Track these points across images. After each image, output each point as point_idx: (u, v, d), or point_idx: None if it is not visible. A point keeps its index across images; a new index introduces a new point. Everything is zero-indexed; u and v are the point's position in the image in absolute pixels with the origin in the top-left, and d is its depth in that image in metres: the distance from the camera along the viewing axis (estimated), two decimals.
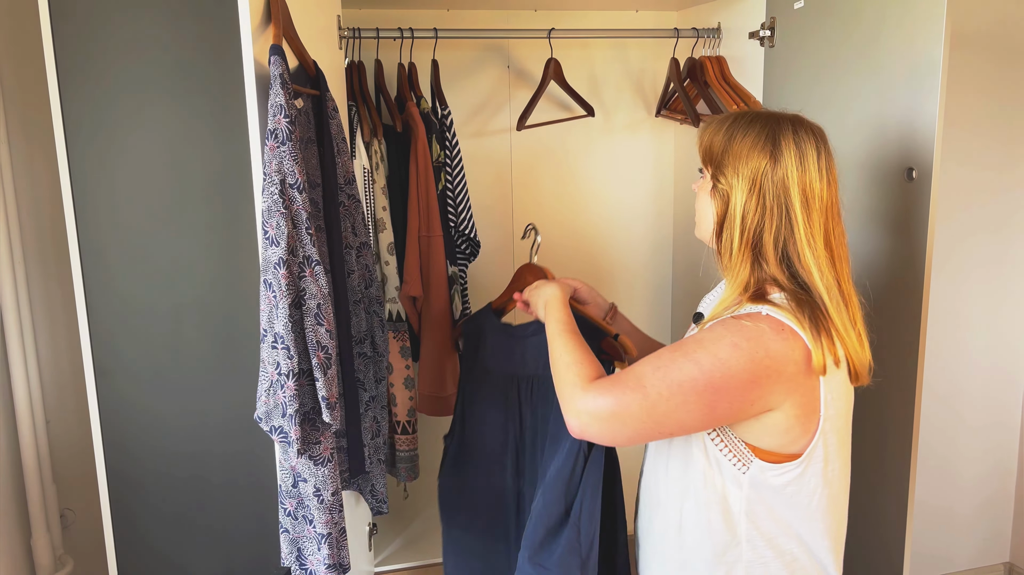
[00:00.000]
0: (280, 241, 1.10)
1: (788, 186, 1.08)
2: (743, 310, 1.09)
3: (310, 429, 1.19)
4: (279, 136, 1.11)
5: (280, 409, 1.14)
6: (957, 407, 2.48)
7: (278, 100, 1.11)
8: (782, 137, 1.09)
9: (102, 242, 1.31)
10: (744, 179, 1.09)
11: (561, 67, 2.17)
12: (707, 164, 1.17)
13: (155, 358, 1.35)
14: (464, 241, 2.05)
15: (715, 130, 1.16)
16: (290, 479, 1.23)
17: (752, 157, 1.09)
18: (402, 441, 1.99)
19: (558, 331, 1.25)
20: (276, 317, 1.12)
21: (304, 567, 1.26)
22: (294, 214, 1.13)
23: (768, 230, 1.09)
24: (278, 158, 1.11)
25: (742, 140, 1.11)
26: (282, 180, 1.11)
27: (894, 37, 1.45)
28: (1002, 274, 2.44)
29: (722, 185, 1.13)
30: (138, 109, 1.29)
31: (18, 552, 1.80)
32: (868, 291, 1.55)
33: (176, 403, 1.37)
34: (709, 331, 1.07)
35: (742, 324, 1.05)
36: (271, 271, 1.11)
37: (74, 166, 1.29)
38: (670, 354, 1.06)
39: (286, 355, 1.12)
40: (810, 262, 1.08)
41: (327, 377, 1.16)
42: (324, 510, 1.22)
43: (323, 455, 1.21)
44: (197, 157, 1.31)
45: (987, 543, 2.59)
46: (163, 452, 1.38)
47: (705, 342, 1.05)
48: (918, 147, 1.41)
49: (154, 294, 1.33)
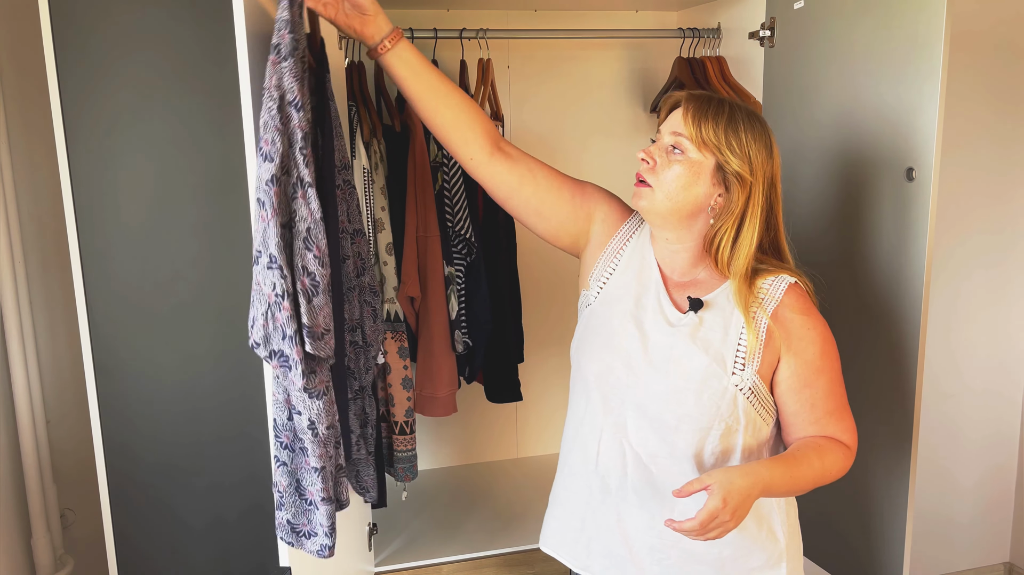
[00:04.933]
0: (274, 157, 1.07)
1: (776, 181, 1.22)
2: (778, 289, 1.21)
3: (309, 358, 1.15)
4: (281, 51, 1.08)
5: (280, 331, 1.10)
6: (957, 407, 2.48)
7: (284, 15, 1.08)
8: (771, 135, 1.22)
9: (102, 242, 1.31)
10: (760, 173, 1.19)
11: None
12: (700, 145, 1.18)
13: (155, 358, 1.35)
14: (460, 242, 2.04)
15: (716, 112, 1.19)
16: (285, 413, 1.19)
17: (762, 152, 1.19)
18: (400, 441, 1.99)
19: (782, 478, 1.17)
20: (269, 236, 1.08)
21: (304, 498, 1.23)
22: (290, 132, 1.09)
23: (771, 221, 1.23)
24: (279, 74, 1.08)
25: (751, 133, 1.18)
26: (281, 96, 1.08)
27: (894, 37, 1.45)
28: (1002, 274, 2.44)
29: (735, 172, 1.18)
30: (138, 109, 1.29)
31: (18, 552, 1.80)
32: (868, 291, 1.55)
33: (176, 403, 1.37)
34: (814, 341, 1.20)
35: (809, 308, 1.21)
36: (263, 188, 1.08)
37: (74, 166, 1.29)
38: (831, 377, 1.23)
39: (279, 275, 1.08)
40: (784, 244, 1.26)
41: (312, 305, 1.11)
42: (318, 443, 1.18)
43: (317, 387, 1.16)
44: (197, 157, 1.31)
45: (987, 543, 2.59)
46: (163, 452, 1.38)
47: (826, 349, 1.22)
48: (918, 147, 1.41)
49: (154, 294, 1.33)
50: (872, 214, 1.53)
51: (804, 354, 1.20)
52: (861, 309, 1.57)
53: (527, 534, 2.07)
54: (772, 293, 1.20)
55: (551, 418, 2.61)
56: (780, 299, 1.20)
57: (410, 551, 2.02)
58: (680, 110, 1.20)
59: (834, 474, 1.21)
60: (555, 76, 2.40)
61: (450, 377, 2.00)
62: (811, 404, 1.22)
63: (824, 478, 1.20)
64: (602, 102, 2.42)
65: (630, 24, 2.39)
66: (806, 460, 1.19)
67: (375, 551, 2.01)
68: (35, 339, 1.88)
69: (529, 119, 2.40)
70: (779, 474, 1.16)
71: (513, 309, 2.23)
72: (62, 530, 1.93)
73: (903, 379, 1.48)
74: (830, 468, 1.21)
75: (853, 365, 1.59)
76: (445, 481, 2.44)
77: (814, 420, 1.23)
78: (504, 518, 2.18)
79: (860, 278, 1.57)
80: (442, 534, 2.10)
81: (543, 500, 1.45)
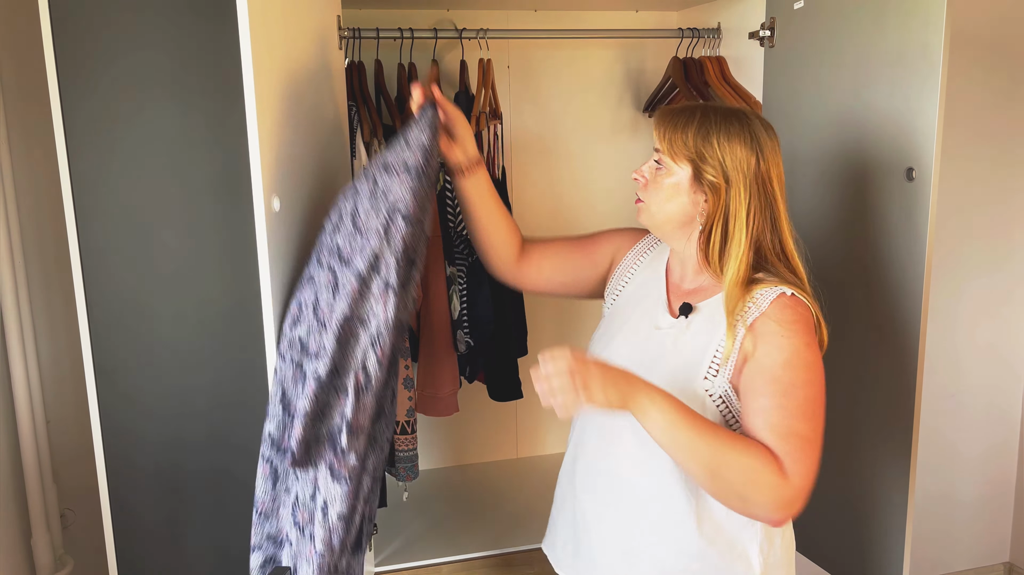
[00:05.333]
0: (365, 253, 1.12)
1: (771, 179, 1.18)
2: (766, 299, 1.14)
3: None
4: (412, 171, 1.15)
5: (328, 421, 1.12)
6: (957, 407, 2.48)
7: (423, 140, 1.19)
8: (755, 130, 1.18)
9: (102, 242, 1.31)
10: (740, 174, 1.16)
11: None
12: (678, 158, 1.19)
13: (155, 358, 1.35)
14: (462, 241, 2.05)
15: (686, 122, 1.19)
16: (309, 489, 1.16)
17: (742, 152, 1.16)
18: (401, 441, 1.99)
19: (687, 428, 1.06)
20: (334, 312, 1.11)
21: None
22: (391, 237, 1.14)
23: (765, 225, 1.18)
24: (403, 187, 1.14)
25: (727, 135, 1.17)
26: (393, 204, 1.13)
27: (894, 37, 1.45)
28: (1002, 274, 2.44)
29: (712, 180, 1.17)
30: (138, 109, 1.29)
31: (18, 552, 1.80)
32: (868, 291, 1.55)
33: (176, 403, 1.37)
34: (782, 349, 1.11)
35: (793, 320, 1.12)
36: (350, 271, 1.12)
37: (74, 166, 1.29)
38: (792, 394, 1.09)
39: (323, 351, 1.11)
40: (792, 249, 1.20)
41: (360, 403, 1.11)
42: (325, 528, 1.14)
43: (340, 471, 1.14)
44: (197, 157, 1.31)
45: (987, 543, 2.59)
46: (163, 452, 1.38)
47: (795, 363, 1.11)
48: (918, 147, 1.41)
49: (154, 294, 1.33)
50: (872, 214, 1.53)
51: (765, 359, 1.11)
52: (861, 309, 1.57)
53: (527, 534, 2.07)
54: (760, 303, 1.14)
55: (551, 418, 2.61)
56: (764, 309, 1.13)
57: (410, 551, 2.02)
58: None
59: (744, 485, 1.05)
60: (555, 76, 2.40)
61: (452, 377, 2.00)
62: (757, 412, 1.10)
63: (728, 475, 1.05)
64: (602, 102, 2.42)
65: (630, 24, 2.39)
66: (720, 437, 1.06)
67: (375, 551, 2.01)
68: (35, 339, 1.88)
69: (529, 119, 2.40)
70: (671, 409, 1.06)
71: (515, 306, 2.23)
72: (62, 530, 1.93)
73: (903, 379, 1.47)
74: (744, 470, 1.05)
75: (853, 365, 1.59)
76: (445, 481, 2.44)
77: (757, 429, 1.09)
78: (504, 518, 2.18)
79: (860, 278, 1.57)
80: (442, 534, 2.10)
81: (543, 500, 1.45)
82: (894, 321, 1.49)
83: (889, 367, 1.51)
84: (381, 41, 2.01)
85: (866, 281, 1.55)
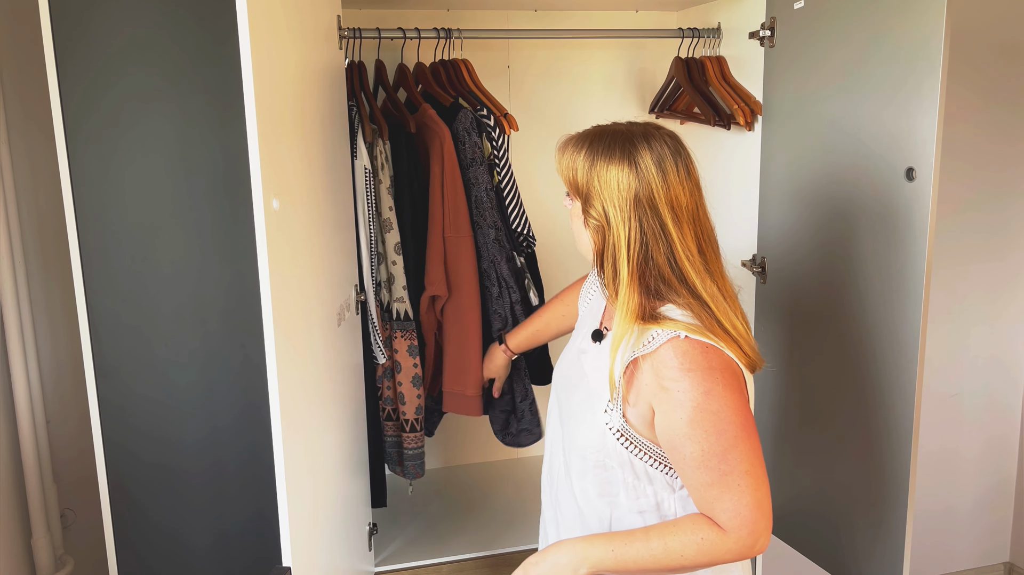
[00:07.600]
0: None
1: (657, 206, 1.10)
2: (656, 341, 1.09)
3: None
4: None
5: None
6: (957, 407, 2.48)
7: None
8: (639, 157, 1.11)
9: (102, 242, 1.31)
10: (616, 208, 1.11)
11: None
12: (573, 193, 1.18)
13: (155, 358, 1.35)
14: (522, 237, 2.04)
15: (572, 155, 1.16)
16: None
17: (619, 184, 1.10)
18: (410, 439, 1.99)
19: (627, 545, 1.10)
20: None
21: None
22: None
23: (653, 254, 1.11)
24: None
25: (605, 167, 1.12)
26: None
27: (894, 37, 1.45)
28: (1002, 274, 2.44)
29: (595, 217, 1.14)
30: (138, 109, 1.29)
31: (18, 552, 1.80)
32: (868, 291, 1.55)
33: (177, 403, 1.37)
34: (682, 406, 1.06)
35: (689, 369, 1.06)
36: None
37: (74, 166, 1.29)
38: (706, 451, 1.06)
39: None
40: (692, 276, 1.11)
41: None
42: None
43: None
44: (197, 157, 1.31)
45: (987, 543, 2.59)
46: (163, 452, 1.38)
47: (697, 418, 1.06)
48: (918, 147, 1.41)
49: (154, 294, 1.33)
50: (872, 214, 1.53)
51: (669, 416, 1.08)
52: (861, 309, 1.57)
53: (527, 534, 2.07)
54: (648, 343, 1.09)
55: None
56: (650, 351, 1.09)
57: (410, 551, 2.02)
58: None
59: (701, 555, 1.07)
60: (555, 76, 2.39)
61: (476, 378, 1.99)
62: (682, 470, 1.10)
63: (687, 558, 1.07)
64: (602, 102, 2.42)
65: (630, 24, 2.39)
66: (660, 534, 1.09)
67: (375, 551, 2.02)
68: (35, 339, 1.88)
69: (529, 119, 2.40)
70: (610, 550, 1.10)
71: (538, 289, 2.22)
72: (62, 530, 1.93)
73: (903, 379, 1.48)
74: (693, 545, 1.07)
75: (853, 366, 1.59)
76: (445, 481, 2.44)
77: (692, 489, 1.10)
78: (504, 518, 2.18)
79: (860, 278, 1.57)
80: (442, 534, 2.10)
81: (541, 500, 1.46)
82: (894, 320, 1.49)
83: (889, 367, 1.51)
84: (382, 41, 2.01)
85: (866, 281, 1.55)
